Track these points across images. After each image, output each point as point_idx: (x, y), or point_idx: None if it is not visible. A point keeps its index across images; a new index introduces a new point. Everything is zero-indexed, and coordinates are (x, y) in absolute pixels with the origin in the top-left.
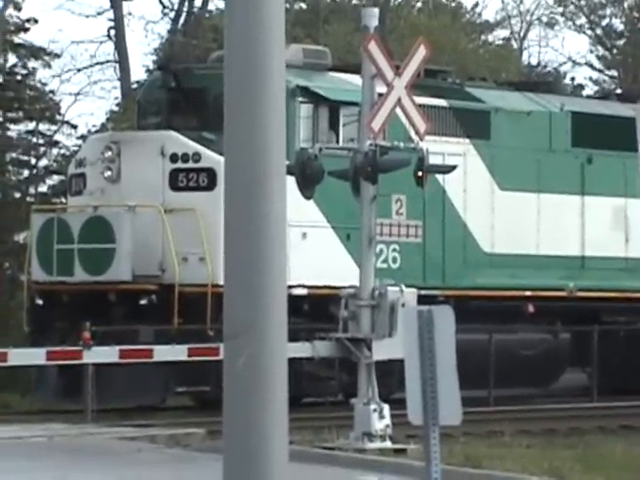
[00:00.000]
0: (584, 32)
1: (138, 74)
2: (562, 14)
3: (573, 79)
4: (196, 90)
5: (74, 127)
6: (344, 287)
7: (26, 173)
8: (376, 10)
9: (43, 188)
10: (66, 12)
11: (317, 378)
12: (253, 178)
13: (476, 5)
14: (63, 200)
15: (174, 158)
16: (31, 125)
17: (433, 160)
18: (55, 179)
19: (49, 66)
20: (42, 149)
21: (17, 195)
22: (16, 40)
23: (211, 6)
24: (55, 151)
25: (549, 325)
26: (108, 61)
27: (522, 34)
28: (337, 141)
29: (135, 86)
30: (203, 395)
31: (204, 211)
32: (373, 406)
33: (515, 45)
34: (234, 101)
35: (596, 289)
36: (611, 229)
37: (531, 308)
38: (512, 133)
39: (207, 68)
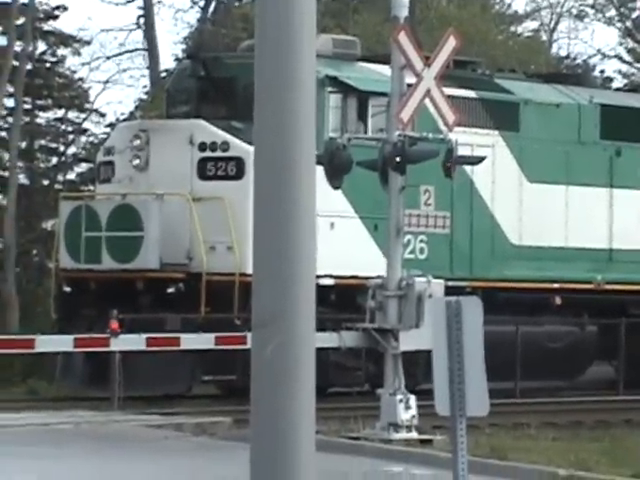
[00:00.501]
0: (614, 24)
1: (167, 63)
2: (592, 6)
3: (602, 72)
4: (225, 79)
5: (103, 115)
6: (371, 277)
7: (55, 160)
8: (406, 0)
9: (71, 176)
10: (96, 0)
11: (344, 368)
12: (282, 167)
13: None
14: (91, 188)
15: (202, 147)
16: (60, 113)
17: (462, 151)
18: (83, 167)
19: (78, 54)
20: (71, 137)
21: (45, 182)
22: (45, 27)
23: None
24: (84, 139)
25: (576, 317)
26: (137, 49)
27: (552, 26)
28: (366, 131)
29: (164, 75)
30: (229, 384)
31: (232, 200)
32: (399, 396)
33: (544, 37)
34: (264, 90)
35: (623, 282)
36: (639, 222)
37: (558, 300)
38: (541, 125)
39: (237, 57)
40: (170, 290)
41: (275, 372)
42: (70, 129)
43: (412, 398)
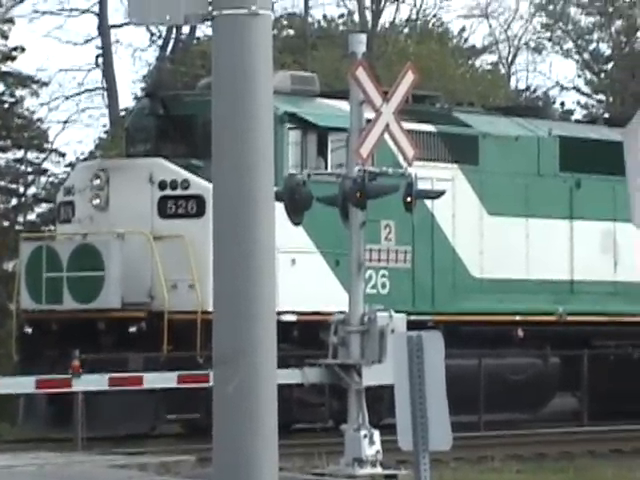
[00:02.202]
0: (571, 57)
1: (126, 101)
2: (549, 39)
3: (563, 104)
4: (184, 117)
5: (62, 155)
6: (333, 313)
7: (14, 201)
8: (363, 36)
9: (32, 216)
10: (54, 40)
11: (307, 404)
12: (241, 204)
13: (463, 30)
14: (52, 228)
15: (163, 185)
16: (19, 153)
17: (422, 185)
18: (44, 207)
19: (37, 94)
20: (30, 177)
21: (5, 223)
22: (3, 68)
23: (199, 33)
24: (43, 179)
25: (539, 349)
26: (96, 89)
27: (510, 59)
28: (326, 167)
29: (123, 113)
30: (193, 422)
31: (193, 238)
32: (363, 432)
33: (503, 70)
34: (222, 128)
35: (585, 313)
36: (600, 253)
37: (520, 333)
38: (500, 158)
39: (195, 95)
40: (132, 329)
41: (237, 409)
42: (29, 169)
43: (376, 433)
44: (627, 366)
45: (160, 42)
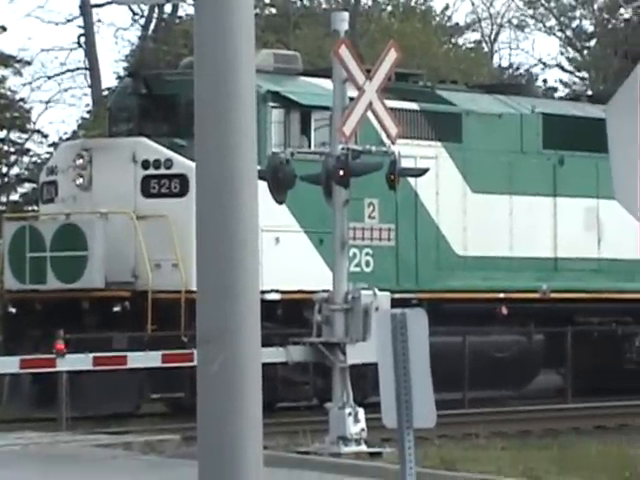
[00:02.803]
0: (554, 34)
1: (109, 81)
2: (532, 16)
3: (545, 81)
4: (167, 96)
5: (45, 135)
6: (317, 291)
7: None
8: (346, 14)
9: (15, 196)
10: (36, 20)
11: (291, 383)
12: (224, 183)
13: (446, 8)
14: (35, 208)
15: (146, 164)
16: (2, 133)
17: (405, 163)
18: (27, 187)
19: (19, 74)
20: (13, 157)
21: None
22: None
23: (181, 12)
24: (26, 159)
25: (523, 327)
26: (78, 68)
27: (493, 37)
28: (309, 145)
29: (106, 93)
30: (178, 401)
31: (176, 217)
32: (348, 410)
33: (486, 48)
34: (204, 107)
35: (569, 290)
36: (583, 230)
37: (504, 310)
38: (483, 135)
39: (178, 74)
40: (116, 309)
41: (221, 388)
42: (12, 150)
43: (361, 411)
44: (611, 343)
45: (142, 21)
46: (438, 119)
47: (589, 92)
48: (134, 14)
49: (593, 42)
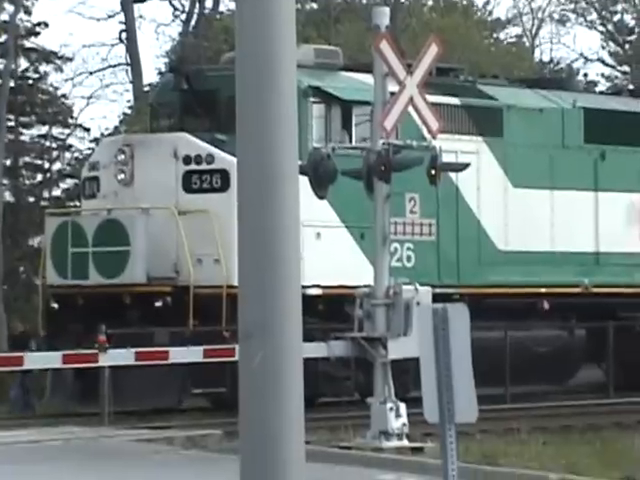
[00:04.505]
0: (595, 28)
1: (150, 77)
2: (573, 10)
3: (586, 75)
4: (208, 92)
5: (87, 130)
6: (359, 286)
7: (40, 177)
8: (387, 9)
9: (57, 192)
10: (77, 16)
11: (333, 378)
12: (266, 179)
13: (487, 3)
14: (77, 203)
15: (187, 160)
16: (44, 129)
17: (446, 158)
18: (69, 183)
19: (61, 70)
20: (55, 153)
21: (31, 199)
22: (27, 44)
23: (222, 7)
24: (68, 155)
25: (564, 322)
26: (120, 64)
27: (534, 31)
28: (350, 140)
29: (147, 89)
30: (219, 396)
31: (218, 212)
32: (389, 405)
33: (527, 42)
34: (246, 102)
35: (611, 285)
36: (625, 224)
37: (546, 305)
38: (525, 130)
39: (219, 69)
40: (158, 304)
41: (262, 383)
42: (54, 145)
43: (402, 406)
44: None
45: (183, 17)
46: (479, 114)
47: (630, 86)
48: (175, 10)
49: (635, 36)
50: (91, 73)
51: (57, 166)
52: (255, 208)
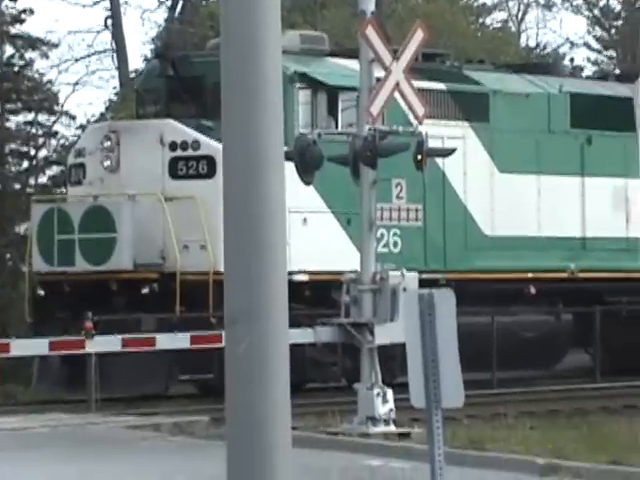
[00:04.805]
0: (581, 13)
1: (136, 63)
2: None
3: (572, 60)
4: (194, 78)
5: (73, 117)
6: (345, 272)
7: (26, 164)
8: None
9: (43, 179)
10: (62, 2)
11: (320, 363)
12: (251, 165)
13: None
14: (63, 190)
15: (173, 146)
16: (30, 116)
17: (432, 144)
18: (55, 170)
19: (46, 56)
20: (41, 140)
21: (17, 186)
22: (12, 31)
23: None
24: (54, 141)
25: (551, 306)
26: (105, 50)
27: (520, 16)
28: (336, 126)
29: (133, 75)
30: (206, 383)
31: (204, 199)
32: (376, 390)
33: (513, 27)
34: (231, 88)
35: (597, 270)
36: (612, 210)
37: (533, 290)
38: (511, 115)
39: (205, 55)
40: (144, 290)
41: (249, 369)
42: (40, 132)
43: (389, 392)
44: (639, 322)
45: (169, 3)
46: (465, 99)
47: (617, 71)
48: None
49: (621, 21)
50: (77, 60)
51: (43, 153)
52: (241, 194)
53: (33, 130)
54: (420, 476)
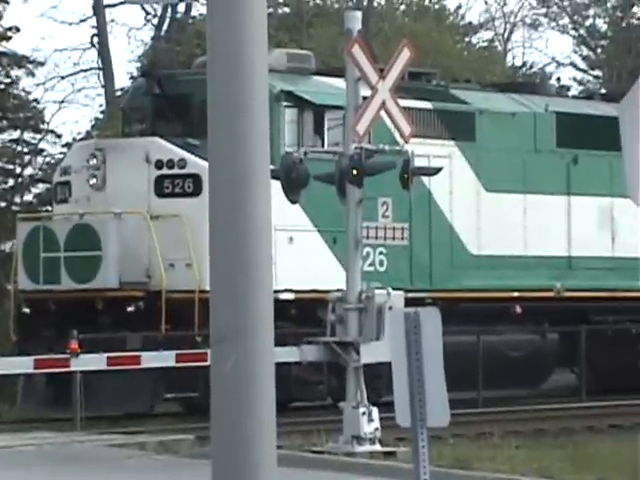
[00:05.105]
0: (568, 33)
1: (122, 81)
2: (545, 15)
3: (558, 79)
4: (180, 96)
5: (59, 135)
6: (331, 291)
7: (11, 182)
8: (359, 13)
9: (29, 197)
10: (49, 20)
11: (305, 382)
12: (237, 183)
13: (459, 7)
14: (49, 208)
15: (159, 164)
16: (15, 134)
17: (418, 162)
18: (40, 187)
19: (32, 74)
20: (27, 157)
21: (2, 204)
22: None
23: (194, 12)
24: (40, 159)
25: (537, 326)
26: (92, 68)
27: (506, 35)
28: (322, 145)
29: (119, 93)
30: (192, 401)
31: (190, 217)
32: (362, 409)
33: (499, 47)
34: (217, 106)
35: (583, 289)
36: (598, 229)
37: (518, 309)
38: (497, 134)
39: (191, 74)
40: (130, 309)
41: (234, 387)
42: (26, 150)
43: (375, 410)
44: (625, 341)
45: (155, 21)
46: (451, 118)
47: (603, 90)
48: (147, 14)
49: (607, 41)
50: (63, 77)
51: (29, 171)
52: (227, 212)
53: (19, 148)
54: None
